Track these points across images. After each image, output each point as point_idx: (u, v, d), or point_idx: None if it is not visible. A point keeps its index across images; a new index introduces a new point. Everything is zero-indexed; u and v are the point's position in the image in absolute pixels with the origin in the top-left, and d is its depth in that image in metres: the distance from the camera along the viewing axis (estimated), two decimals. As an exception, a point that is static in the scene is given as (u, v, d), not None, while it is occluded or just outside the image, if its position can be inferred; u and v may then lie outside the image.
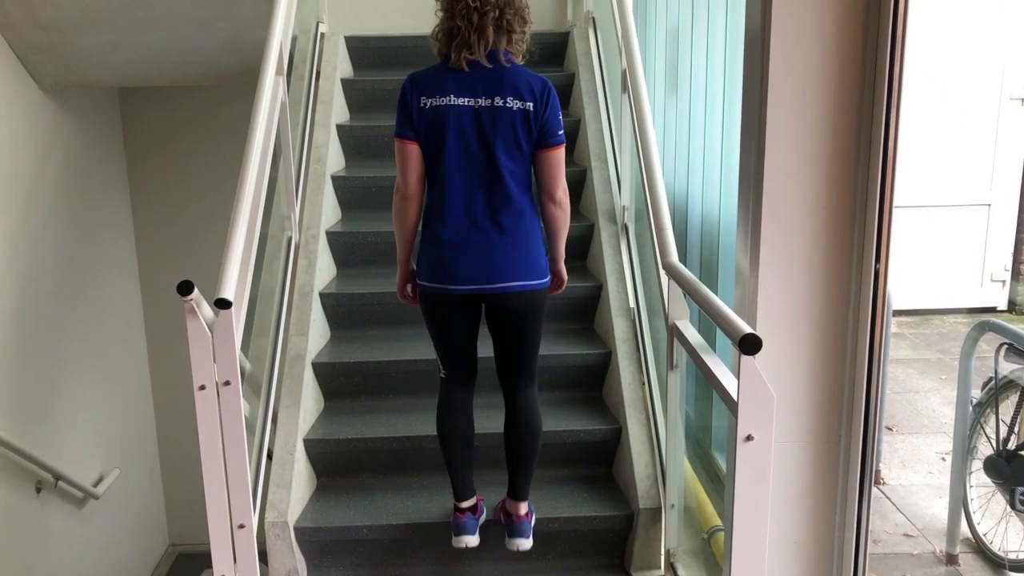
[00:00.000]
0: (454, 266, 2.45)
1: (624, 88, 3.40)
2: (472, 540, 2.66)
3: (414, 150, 2.43)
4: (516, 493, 2.69)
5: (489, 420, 2.97)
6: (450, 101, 2.38)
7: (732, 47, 2.96)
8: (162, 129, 5.63)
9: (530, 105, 2.38)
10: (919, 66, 5.91)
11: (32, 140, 4.37)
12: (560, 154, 2.45)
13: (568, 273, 2.73)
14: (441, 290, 2.48)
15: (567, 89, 4.36)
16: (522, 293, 2.48)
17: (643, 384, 3.14)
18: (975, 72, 6.17)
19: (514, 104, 2.37)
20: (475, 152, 2.40)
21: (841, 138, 2.11)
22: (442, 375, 2.67)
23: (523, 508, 2.69)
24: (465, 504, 2.69)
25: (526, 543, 2.68)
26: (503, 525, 2.74)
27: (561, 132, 2.45)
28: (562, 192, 2.49)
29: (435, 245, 2.47)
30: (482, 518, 2.78)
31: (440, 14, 2.45)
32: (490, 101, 2.38)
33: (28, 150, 4.33)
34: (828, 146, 2.11)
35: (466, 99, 2.38)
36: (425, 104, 2.40)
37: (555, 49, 4.58)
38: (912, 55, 2.09)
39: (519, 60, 2.47)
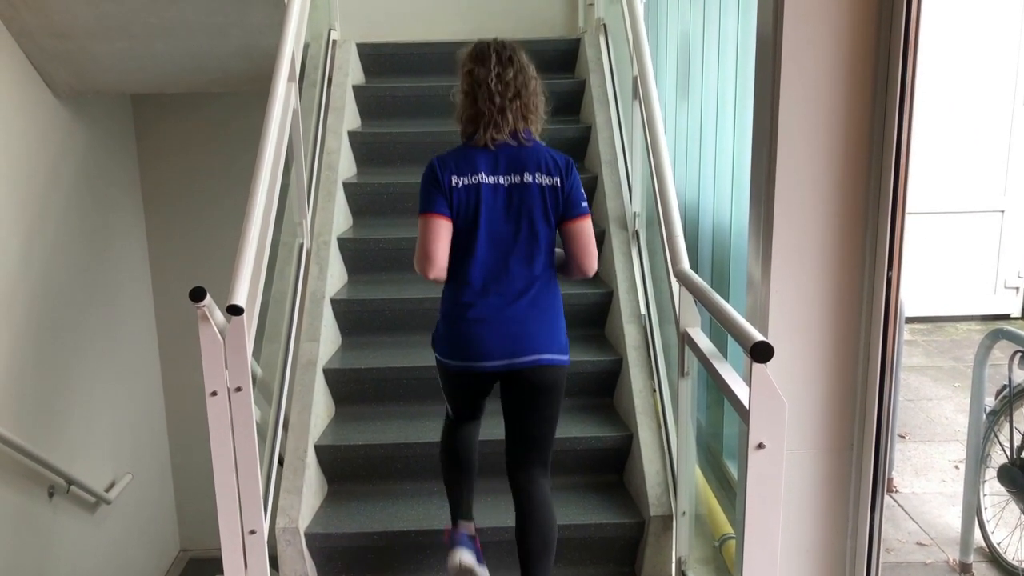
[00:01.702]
0: (479, 343, 2.40)
1: (635, 95, 3.40)
2: (468, 556, 2.50)
3: (444, 226, 2.39)
4: None
5: (498, 428, 2.96)
6: (482, 180, 2.40)
7: (743, 53, 2.96)
8: (175, 136, 5.66)
9: (557, 180, 2.40)
10: (931, 71, 5.89)
11: (46, 147, 4.40)
12: (587, 225, 2.44)
13: (578, 281, 2.72)
14: (465, 367, 2.44)
15: (578, 96, 4.36)
16: (547, 368, 2.43)
17: (654, 391, 3.14)
18: (988, 77, 6.14)
19: (542, 180, 2.40)
20: (504, 228, 2.41)
21: (853, 144, 2.10)
22: (449, 414, 2.65)
23: None
24: (462, 524, 2.60)
25: None
26: (508, 542, 2.70)
27: (585, 204, 2.44)
28: (592, 270, 2.47)
29: (458, 323, 2.43)
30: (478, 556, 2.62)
31: (460, 97, 2.46)
32: (519, 178, 2.40)
33: (42, 156, 4.36)
34: (840, 152, 2.10)
35: (497, 177, 2.40)
36: (458, 183, 2.39)
37: (566, 56, 4.59)
38: (924, 60, 2.09)
39: (538, 138, 2.49)
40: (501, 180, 2.40)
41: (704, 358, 2.28)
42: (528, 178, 2.39)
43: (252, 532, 2.17)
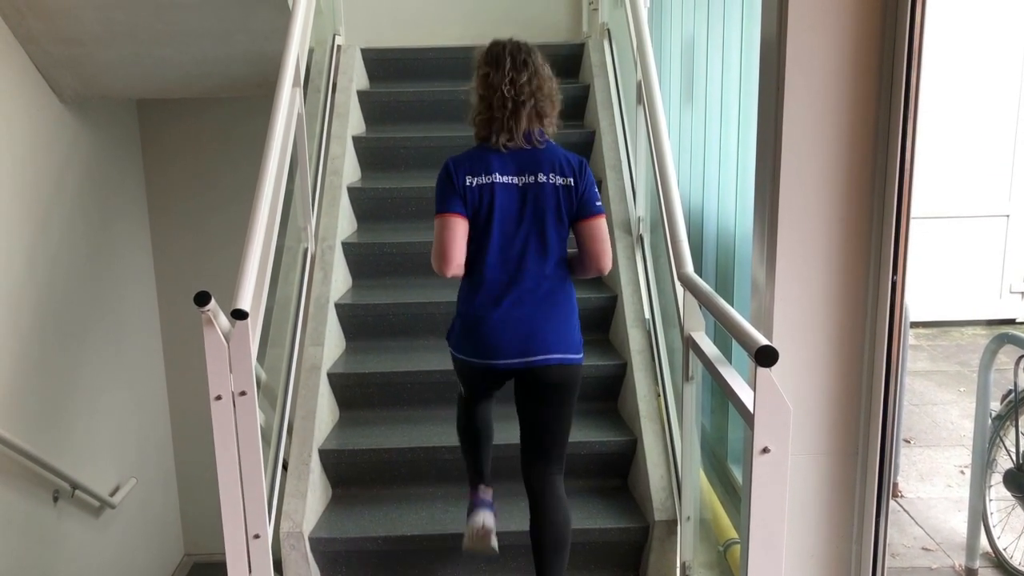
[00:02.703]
0: (494, 341, 2.43)
1: (639, 99, 3.40)
2: (489, 518, 2.62)
3: (461, 225, 2.42)
4: None
5: (512, 432, 2.96)
6: (496, 179, 2.42)
7: (748, 58, 2.96)
8: (180, 141, 5.67)
9: (571, 180, 2.44)
10: (936, 75, 5.89)
11: (51, 152, 4.42)
12: (602, 224, 2.46)
13: (583, 284, 2.73)
14: (479, 364, 2.48)
15: (582, 100, 4.36)
16: (560, 367, 2.45)
17: (659, 396, 3.13)
18: (993, 81, 6.14)
19: (556, 180, 2.43)
20: (518, 228, 2.44)
21: (858, 149, 2.10)
22: (462, 395, 2.69)
23: None
24: (482, 489, 2.70)
25: None
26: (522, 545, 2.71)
27: (599, 203, 2.47)
28: (606, 268, 2.49)
29: (473, 322, 2.46)
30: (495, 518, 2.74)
31: (475, 99, 2.49)
32: (533, 178, 2.43)
33: (48, 162, 4.38)
34: (845, 157, 2.10)
35: (511, 177, 2.43)
36: (471, 183, 2.42)
37: (570, 61, 4.59)
38: (929, 64, 2.09)
39: (551, 137, 2.52)
40: (515, 180, 2.43)
41: (708, 362, 2.27)
42: (542, 178, 2.43)
43: (256, 536, 2.17)
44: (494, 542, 2.59)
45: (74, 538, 4.49)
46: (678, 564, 2.77)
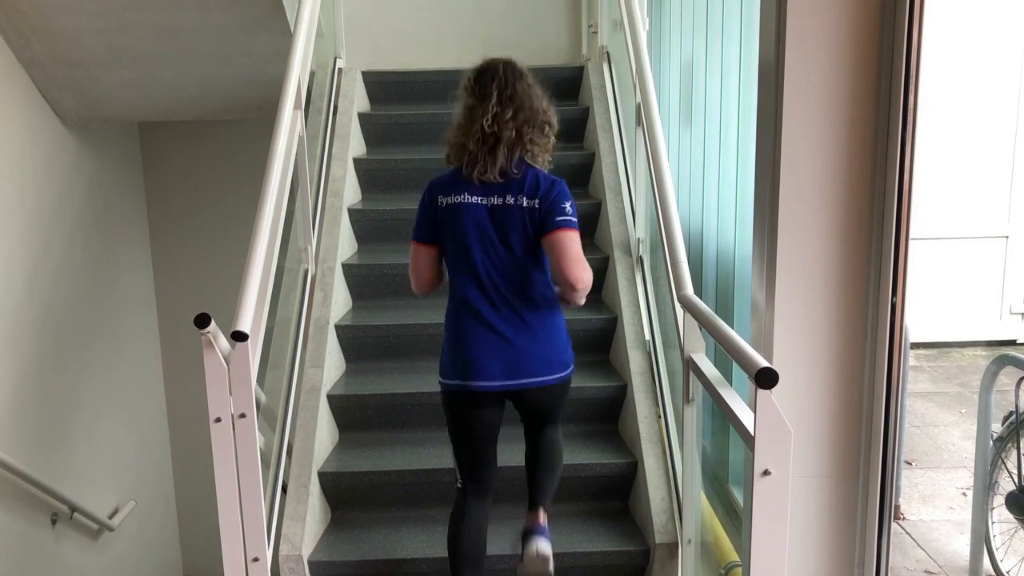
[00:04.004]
0: (477, 362, 2.43)
1: (639, 122, 3.41)
2: None
3: (425, 252, 2.52)
4: (536, 505, 2.58)
5: (510, 452, 2.95)
6: (464, 199, 2.44)
7: (746, 79, 2.98)
8: (181, 163, 5.69)
9: (536, 202, 2.41)
10: (934, 96, 5.91)
11: (53, 174, 4.43)
12: (566, 237, 2.38)
13: (583, 305, 2.72)
14: (465, 387, 2.46)
15: (582, 123, 4.39)
16: (548, 387, 2.48)
17: (659, 417, 3.12)
18: (992, 102, 6.16)
19: (522, 201, 2.41)
20: (491, 248, 2.44)
21: (856, 170, 2.11)
22: (458, 486, 2.60)
23: (543, 515, 2.55)
24: None
25: (546, 544, 2.49)
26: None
27: (564, 218, 2.39)
28: (577, 280, 2.39)
29: (457, 342, 2.47)
30: None
31: (455, 121, 2.48)
32: (501, 200, 2.43)
33: (49, 184, 4.39)
34: (843, 178, 2.11)
35: (479, 197, 2.43)
36: (442, 203, 2.47)
37: (570, 83, 4.62)
38: (927, 85, 2.10)
39: (543, 167, 2.50)
40: (483, 200, 2.43)
41: (709, 384, 2.27)
42: (510, 199, 2.42)
43: (255, 559, 2.16)
44: None
45: (72, 561, 4.47)
46: (679, 587, 2.75)
